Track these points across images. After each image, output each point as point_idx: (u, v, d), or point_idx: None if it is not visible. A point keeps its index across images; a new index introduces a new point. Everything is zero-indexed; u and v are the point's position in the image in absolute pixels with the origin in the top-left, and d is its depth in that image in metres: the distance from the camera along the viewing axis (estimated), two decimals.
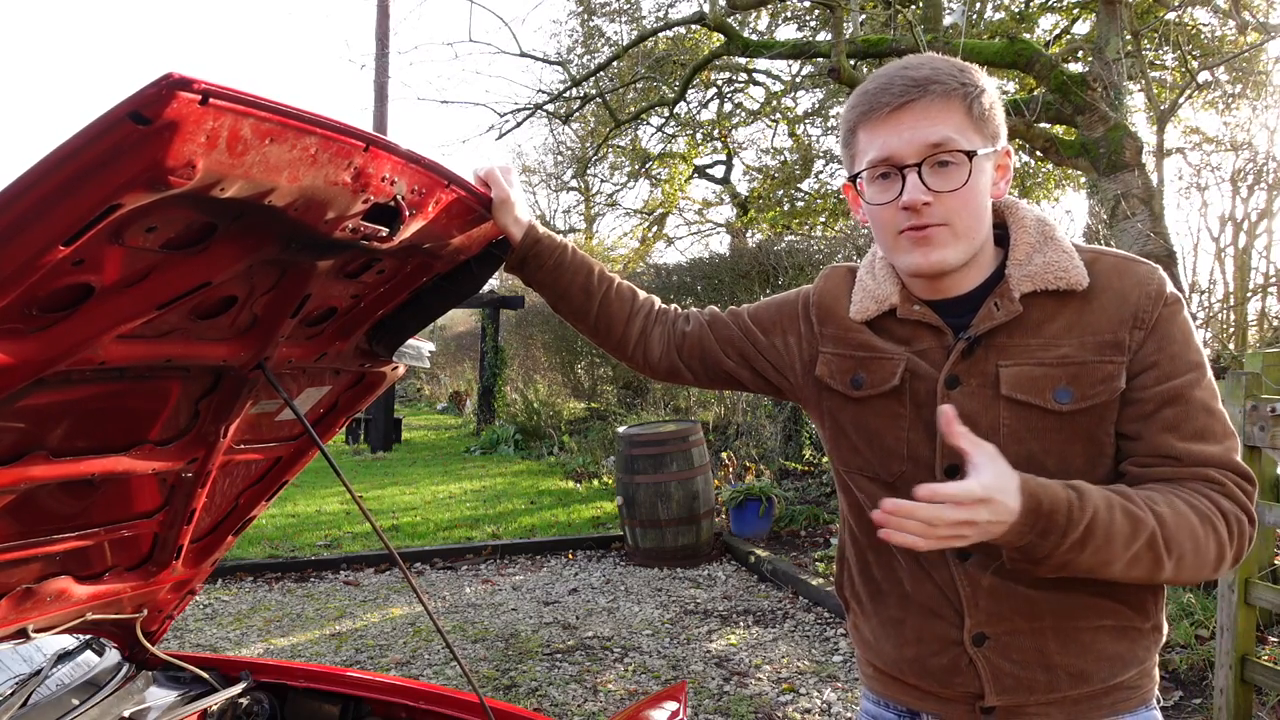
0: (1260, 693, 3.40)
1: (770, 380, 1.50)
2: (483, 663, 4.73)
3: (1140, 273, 1.23)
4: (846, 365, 1.36)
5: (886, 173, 1.23)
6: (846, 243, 10.00)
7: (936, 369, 1.27)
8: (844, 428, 1.38)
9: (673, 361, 1.56)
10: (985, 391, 1.24)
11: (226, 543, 1.94)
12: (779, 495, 7.20)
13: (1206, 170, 8.47)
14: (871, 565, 1.39)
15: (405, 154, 1.13)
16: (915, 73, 1.22)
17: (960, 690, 1.29)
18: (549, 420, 13.22)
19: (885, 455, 1.32)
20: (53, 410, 1.27)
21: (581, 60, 14.33)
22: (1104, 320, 1.21)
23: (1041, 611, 1.25)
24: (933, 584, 1.30)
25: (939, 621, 1.30)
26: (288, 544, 7.44)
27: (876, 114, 1.23)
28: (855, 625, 1.46)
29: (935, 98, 1.20)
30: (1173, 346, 1.20)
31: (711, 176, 19.66)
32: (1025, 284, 1.23)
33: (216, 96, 0.84)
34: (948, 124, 1.20)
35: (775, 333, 1.48)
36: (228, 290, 1.24)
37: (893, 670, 1.37)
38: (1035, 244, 1.27)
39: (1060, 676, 1.25)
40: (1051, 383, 1.21)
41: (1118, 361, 1.20)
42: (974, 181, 1.20)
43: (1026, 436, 1.22)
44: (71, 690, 1.82)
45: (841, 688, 4.20)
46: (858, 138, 1.27)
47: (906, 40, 7.17)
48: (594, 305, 1.56)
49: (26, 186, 0.87)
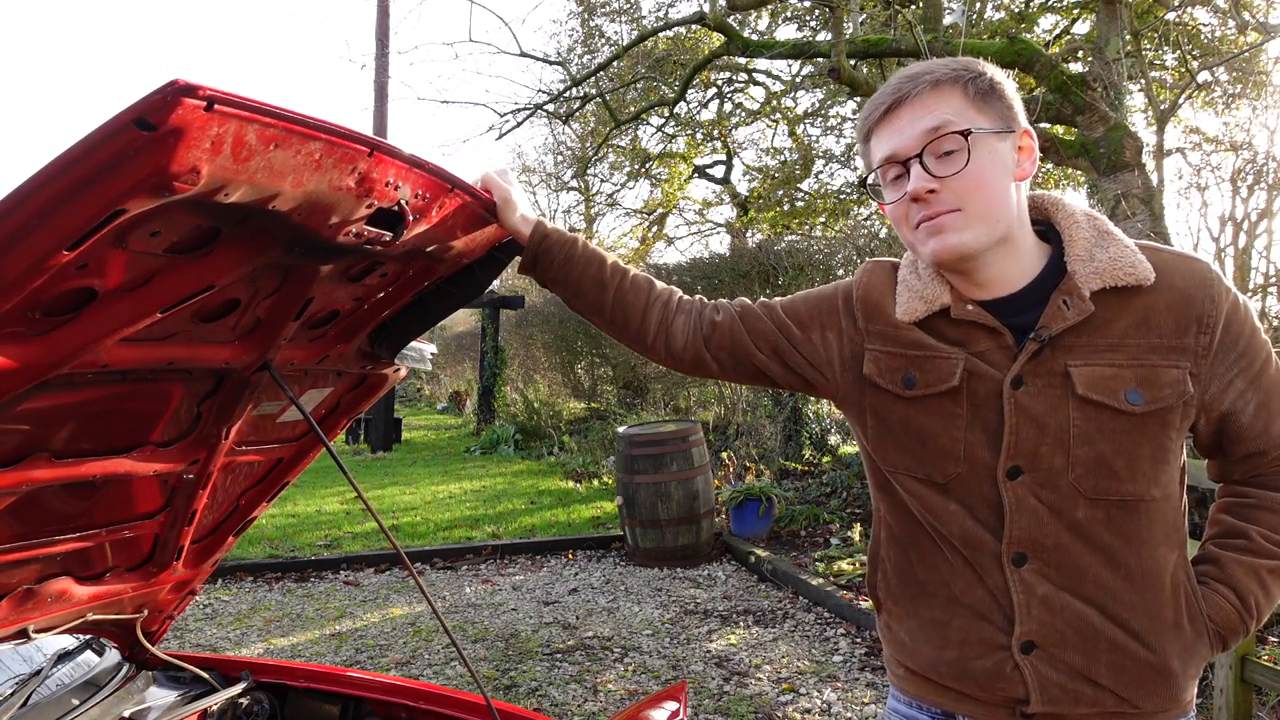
0: (1260, 692, 3.40)
1: (803, 376, 1.45)
2: (483, 662, 4.73)
3: (1200, 271, 1.23)
4: (897, 363, 1.32)
5: (898, 173, 1.24)
6: (846, 243, 10.00)
7: (997, 369, 1.25)
8: (891, 427, 1.34)
9: (699, 352, 1.51)
10: (1053, 391, 1.22)
11: (227, 543, 1.94)
12: (779, 495, 7.20)
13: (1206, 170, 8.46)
14: (914, 565, 1.35)
15: (409, 159, 1.13)
16: (912, 70, 1.24)
17: (1002, 695, 1.27)
18: (549, 420, 13.22)
19: (939, 456, 1.29)
20: (55, 413, 1.27)
21: (581, 60, 14.32)
22: (1170, 322, 1.21)
23: (1096, 634, 1.23)
24: (984, 588, 1.27)
25: (986, 625, 1.27)
26: (288, 544, 7.44)
27: (877, 115, 1.25)
28: (888, 626, 1.42)
29: (928, 87, 1.21)
30: (1243, 343, 1.23)
31: (711, 176, 19.65)
32: (1094, 280, 1.21)
33: (221, 103, 0.85)
34: (945, 109, 1.20)
35: (813, 328, 1.44)
36: (231, 294, 1.25)
37: (928, 672, 1.34)
38: (1093, 239, 1.25)
39: (1107, 695, 1.23)
40: (1123, 383, 1.20)
41: (1182, 367, 1.20)
42: (980, 161, 1.19)
43: (1097, 437, 1.21)
44: (72, 690, 1.83)
45: (841, 688, 4.21)
46: (870, 146, 1.29)
47: (906, 40, 7.18)
48: (608, 297, 1.52)
49: (31, 191, 0.87)
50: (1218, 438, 1.29)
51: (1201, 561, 1.32)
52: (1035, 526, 1.23)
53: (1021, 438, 1.23)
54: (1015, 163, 1.24)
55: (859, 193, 14.52)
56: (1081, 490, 1.21)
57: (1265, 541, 1.27)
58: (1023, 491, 1.23)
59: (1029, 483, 1.23)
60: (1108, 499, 1.21)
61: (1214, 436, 1.29)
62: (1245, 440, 1.26)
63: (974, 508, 1.27)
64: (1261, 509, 1.29)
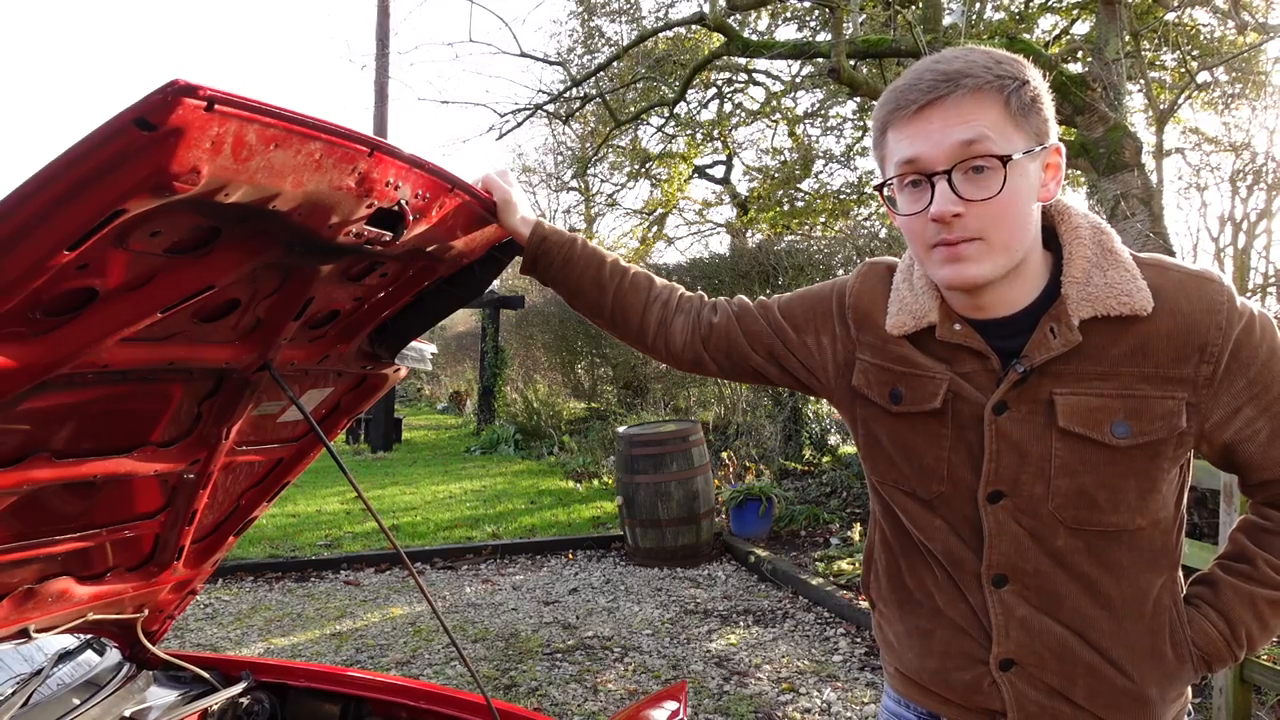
0: (1259, 692, 3.40)
1: (799, 379, 1.43)
2: (483, 662, 4.73)
3: (1209, 295, 1.13)
4: (885, 377, 1.29)
5: (916, 179, 1.13)
6: (846, 243, 10.01)
7: (981, 392, 1.20)
8: (879, 439, 1.32)
9: (697, 353, 1.49)
10: (1036, 420, 1.17)
11: (228, 543, 1.94)
12: (779, 495, 7.20)
13: (1206, 170, 8.47)
14: (903, 573, 1.34)
15: (409, 159, 1.14)
16: (946, 66, 1.11)
17: (981, 707, 1.27)
18: (549, 420, 13.22)
19: (923, 474, 1.26)
20: (56, 413, 1.28)
21: (581, 60, 14.31)
22: (1169, 351, 1.13)
23: (1074, 657, 1.21)
24: (966, 604, 1.26)
25: (968, 639, 1.26)
26: (288, 544, 7.44)
27: (903, 112, 1.13)
28: (880, 625, 1.43)
29: (966, 93, 1.09)
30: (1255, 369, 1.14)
31: (711, 176, 19.65)
32: (1084, 308, 1.14)
33: (222, 103, 0.85)
34: (982, 121, 1.09)
35: (807, 331, 1.40)
36: (231, 294, 1.25)
37: (914, 676, 1.35)
38: (1093, 259, 1.16)
39: (1085, 715, 1.22)
40: (1110, 415, 1.14)
41: (1178, 398, 1.13)
42: (1012, 187, 1.10)
43: (1079, 469, 1.16)
44: (72, 690, 1.83)
45: (841, 687, 4.21)
46: (887, 139, 1.17)
47: (906, 40, 7.18)
48: (608, 298, 1.51)
49: (32, 191, 0.87)
50: (1228, 464, 1.23)
51: (1201, 582, 1.29)
52: (1015, 551, 1.20)
53: (1002, 464, 1.19)
54: (1041, 182, 1.15)
55: (859, 193, 14.53)
56: (1062, 520, 1.18)
57: (1270, 570, 1.22)
58: (1003, 516, 1.20)
59: (1009, 508, 1.20)
60: (1088, 529, 1.18)
61: (1223, 463, 1.23)
62: (1258, 469, 1.20)
63: (957, 526, 1.25)
64: (1275, 535, 1.23)
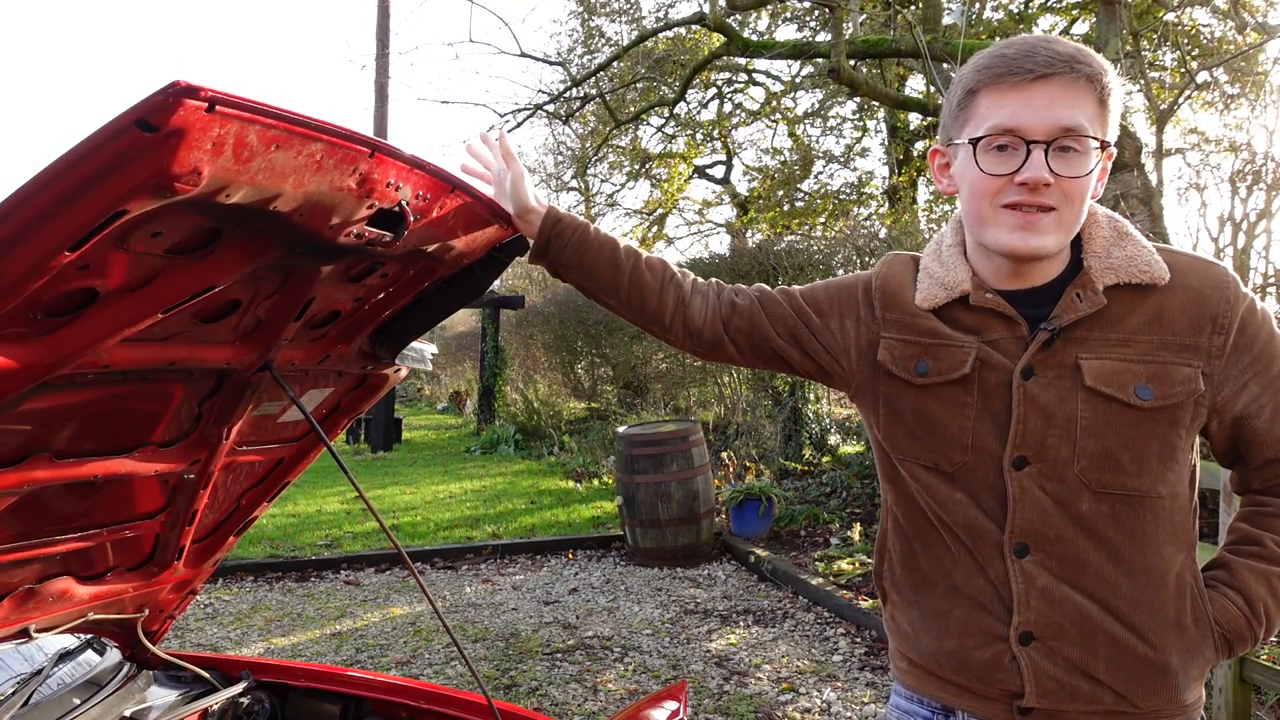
0: (1259, 692, 3.40)
1: (819, 363, 1.45)
2: (483, 662, 4.74)
3: (1216, 274, 1.23)
4: (911, 351, 1.33)
5: (1005, 144, 1.18)
6: (846, 243, 10.01)
7: (1009, 359, 1.26)
8: (902, 415, 1.35)
9: (717, 334, 1.50)
10: (1063, 383, 1.22)
11: (228, 543, 1.95)
12: (779, 495, 7.20)
13: (1206, 170, 8.47)
14: (918, 555, 1.36)
15: (410, 159, 1.14)
16: (1060, 48, 1.17)
17: (999, 688, 1.27)
18: (549, 420, 13.22)
19: (946, 445, 1.29)
20: (57, 413, 1.28)
21: (581, 60, 14.33)
22: (1183, 321, 1.21)
23: (1095, 627, 1.23)
24: (985, 579, 1.28)
25: (986, 615, 1.28)
26: (288, 544, 7.44)
27: (1011, 80, 1.17)
28: (892, 616, 1.43)
29: (1077, 79, 1.16)
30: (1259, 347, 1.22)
31: (711, 176, 19.65)
32: (1108, 276, 1.23)
33: (223, 104, 0.85)
34: (1082, 110, 1.17)
35: (831, 315, 1.44)
36: (232, 294, 1.25)
37: (929, 664, 1.35)
38: (1111, 238, 1.26)
39: (1105, 692, 1.23)
40: (1133, 378, 1.21)
41: (1194, 365, 1.21)
42: (1091, 173, 1.19)
43: (1104, 430, 1.21)
44: (73, 689, 1.83)
45: (841, 687, 4.21)
46: (978, 100, 1.21)
47: (906, 40, 7.18)
48: (624, 279, 1.51)
49: (33, 192, 0.87)
50: (1234, 443, 1.28)
51: (1213, 567, 1.31)
52: (1039, 518, 1.23)
53: (1029, 428, 1.23)
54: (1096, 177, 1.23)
55: (859, 193, 14.53)
56: (1087, 483, 1.22)
57: (1278, 548, 1.26)
58: (1028, 482, 1.23)
59: (1034, 474, 1.23)
60: (1113, 493, 1.21)
61: (1230, 442, 1.28)
62: (1262, 446, 1.26)
63: (979, 497, 1.27)
64: (1277, 516, 1.28)
